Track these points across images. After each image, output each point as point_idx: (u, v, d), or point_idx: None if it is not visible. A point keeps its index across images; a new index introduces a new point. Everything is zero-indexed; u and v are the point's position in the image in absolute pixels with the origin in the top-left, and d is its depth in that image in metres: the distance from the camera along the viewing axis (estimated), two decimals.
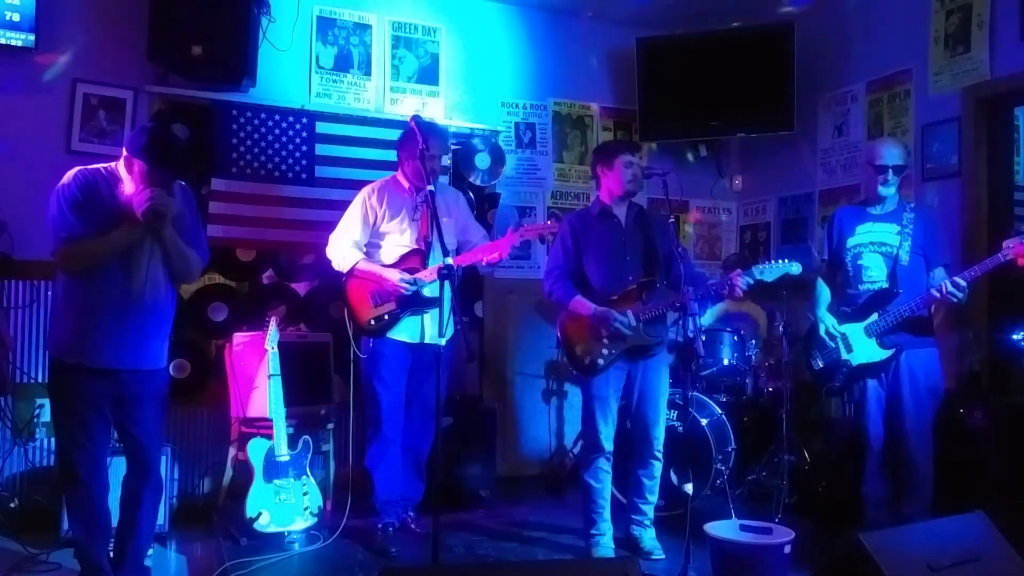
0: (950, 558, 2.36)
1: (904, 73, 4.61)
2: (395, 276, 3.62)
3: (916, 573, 2.30)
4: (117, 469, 2.99)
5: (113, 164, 2.85)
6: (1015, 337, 3.91)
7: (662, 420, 3.56)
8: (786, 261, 3.33)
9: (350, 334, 3.78)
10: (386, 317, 3.66)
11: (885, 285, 3.41)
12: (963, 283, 3.15)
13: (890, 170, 3.41)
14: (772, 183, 5.65)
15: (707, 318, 4.95)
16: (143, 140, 2.73)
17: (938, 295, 3.18)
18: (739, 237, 5.95)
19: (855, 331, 3.45)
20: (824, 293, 3.64)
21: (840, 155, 5.08)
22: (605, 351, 3.42)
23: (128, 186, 2.77)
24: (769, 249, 5.63)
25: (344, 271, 3.76)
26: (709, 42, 5.36)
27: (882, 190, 3.44)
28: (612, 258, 3.54)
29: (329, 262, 3.77)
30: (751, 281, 3.33)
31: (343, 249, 3.76)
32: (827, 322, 3.55)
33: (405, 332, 3.69)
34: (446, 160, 4.34)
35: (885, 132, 4.71)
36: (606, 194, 3.61)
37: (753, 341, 4.59)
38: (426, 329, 3.70)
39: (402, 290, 3.60)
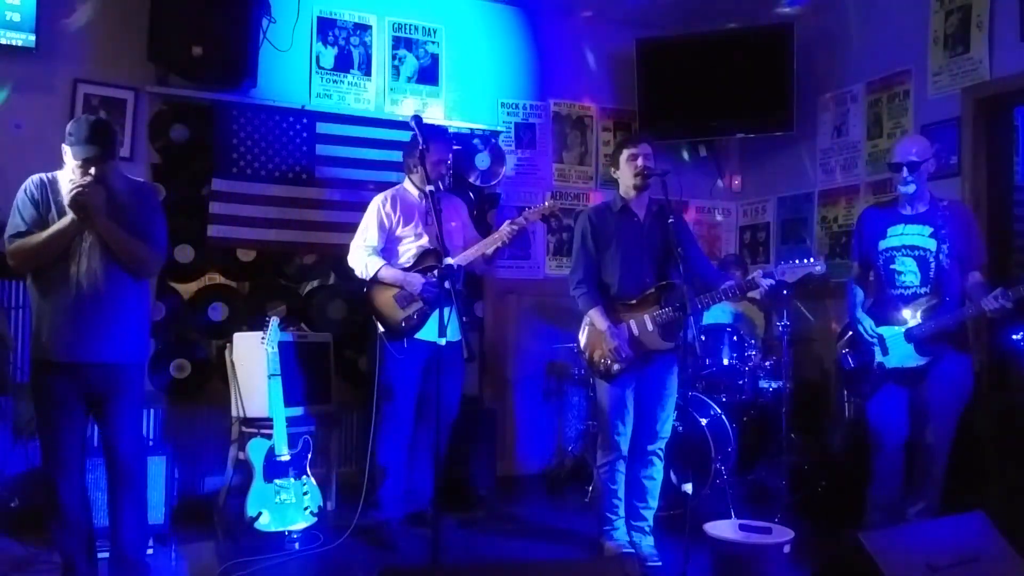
0: (950, 558, 2.36)
1: (903, 73, 4.61)
2: (418, 279, 3.69)
3: (916, 573, 2.30)
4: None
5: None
6: (1015, 337, 3.90)
7: (669, 417, 3.53)
8: (810, 260, 3.26)
9: (379, 337, 3.76)
10: (415, 317, 3.70)
11: (920, 289, 3.30)
12: (1010, 304, 3.04)
13: (904, 167, 3.29)
14: (772, 183, 5.66)
15: (718, 315, 4.93)
16: (68, 126, 2.77)
17: (989, 310, 3.08)
18: (738, 237, 5.96)
19: (893, 335, 3.34)
20: (859, 294, 3.55)
21: (839, 155, 5.08)
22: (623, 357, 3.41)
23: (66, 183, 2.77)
24: (768, 249, 5.64)
25: (367, 278, 3.78)
26: (709, 42, 5.36)
27: (900, 188, 3.35)
28: (630, 259, 3.48)
29: (333, 263, 3.78)
30: (772, 282, 3.29)
31: (364, 257, 3.79)
32: (865, 323, 3.44)
33: (430, 332, 3.65)
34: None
35: (885, 133, 4.72)
36: (623, 191, 3.56)
37: (752, 341, 4.60)
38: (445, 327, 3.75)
39: (426, 293, 3.65)
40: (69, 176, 2.75)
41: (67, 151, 2.75)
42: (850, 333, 3.55)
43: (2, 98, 4.12)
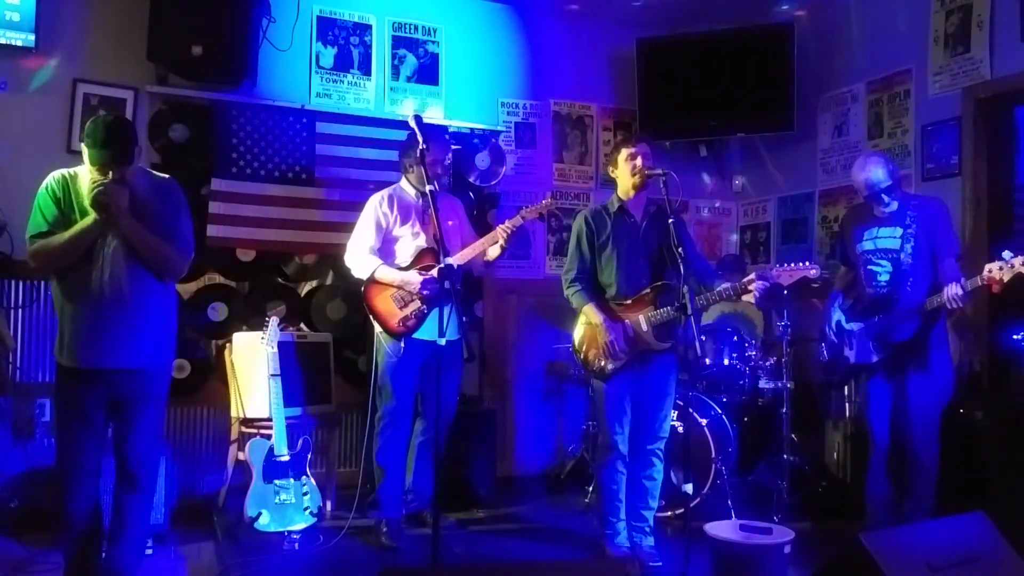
0: (950, 558, 2.36)
1: (904, 73, 4.61)
2: (416, 277, 3.67)
3: (916, 573, 2.30)
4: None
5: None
6: (1015, 337, 3.91)
7: (668, 418, 3.53)
8: (806, 263, 3.31)
9: (377, 337, 3.76)
10: (413, 317, 3.69)
11: (890, 288, 3.40)
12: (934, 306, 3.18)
13: (883, 195, 3.38)
14: (772, 183, 5.65)
15: (709, 316, 4.94)
16: (86, 126, 2.70)
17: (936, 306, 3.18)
18: (739, 237, 5.95)
19: (859, 331, 3.48)
20: (838, 295, 3.67)
21: (840, 155, 5.08)
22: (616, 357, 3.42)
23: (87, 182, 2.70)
24: (769, 249, 5.64)
25: (364, 278, 3.78)
26: (709, 42, 5.36)
27: (884, 210, 3.42)
28: (627, 260, 3.49)
29: (332, 263, 3.78)
30: (767, 285, 3.30)
31: (361, 257, 3.78)
32: (835, 317, 3.59)
33: (428, 331, 3.65)
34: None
35: (885, 132, 4.72)
36: (622, 191, 3.57)
37: (753, 341, 4.59)
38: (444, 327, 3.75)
39: (425, 291, 3.63)
40: (90, 176, 2.67)
41: (85, 151, 2.68)
42: (824, 330, 3.72)
43: (46, 77, 4.16)
